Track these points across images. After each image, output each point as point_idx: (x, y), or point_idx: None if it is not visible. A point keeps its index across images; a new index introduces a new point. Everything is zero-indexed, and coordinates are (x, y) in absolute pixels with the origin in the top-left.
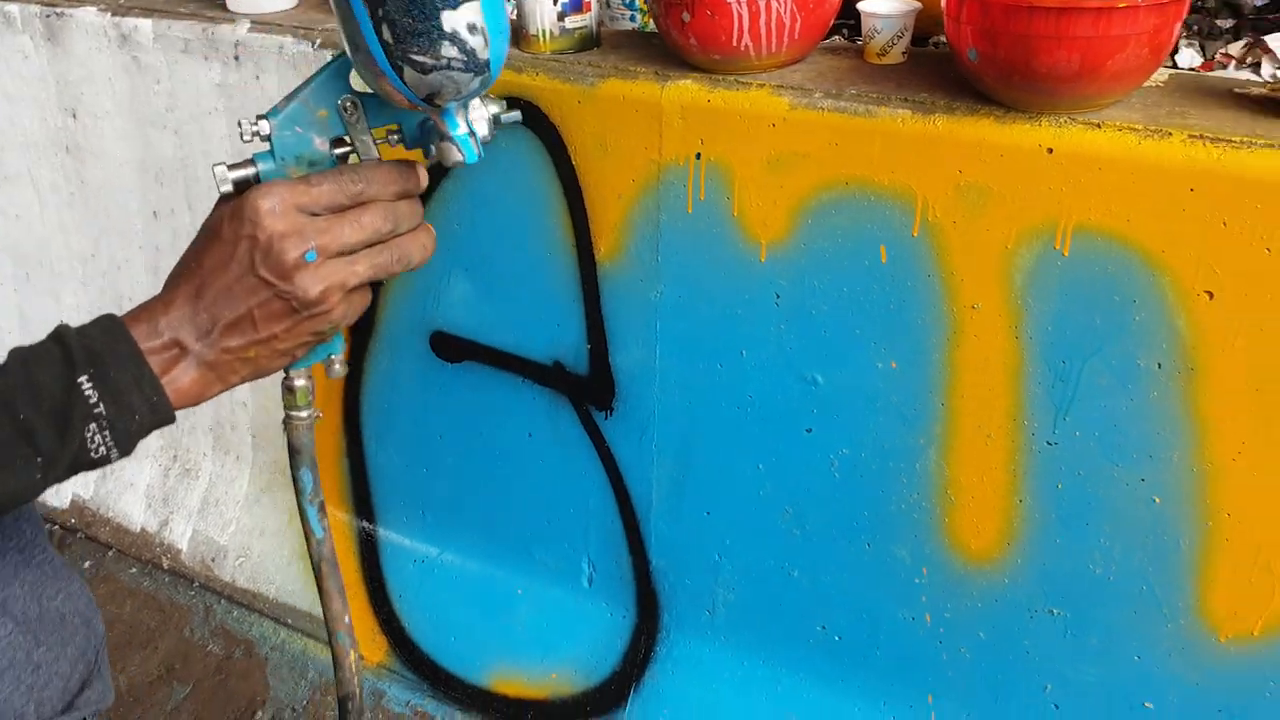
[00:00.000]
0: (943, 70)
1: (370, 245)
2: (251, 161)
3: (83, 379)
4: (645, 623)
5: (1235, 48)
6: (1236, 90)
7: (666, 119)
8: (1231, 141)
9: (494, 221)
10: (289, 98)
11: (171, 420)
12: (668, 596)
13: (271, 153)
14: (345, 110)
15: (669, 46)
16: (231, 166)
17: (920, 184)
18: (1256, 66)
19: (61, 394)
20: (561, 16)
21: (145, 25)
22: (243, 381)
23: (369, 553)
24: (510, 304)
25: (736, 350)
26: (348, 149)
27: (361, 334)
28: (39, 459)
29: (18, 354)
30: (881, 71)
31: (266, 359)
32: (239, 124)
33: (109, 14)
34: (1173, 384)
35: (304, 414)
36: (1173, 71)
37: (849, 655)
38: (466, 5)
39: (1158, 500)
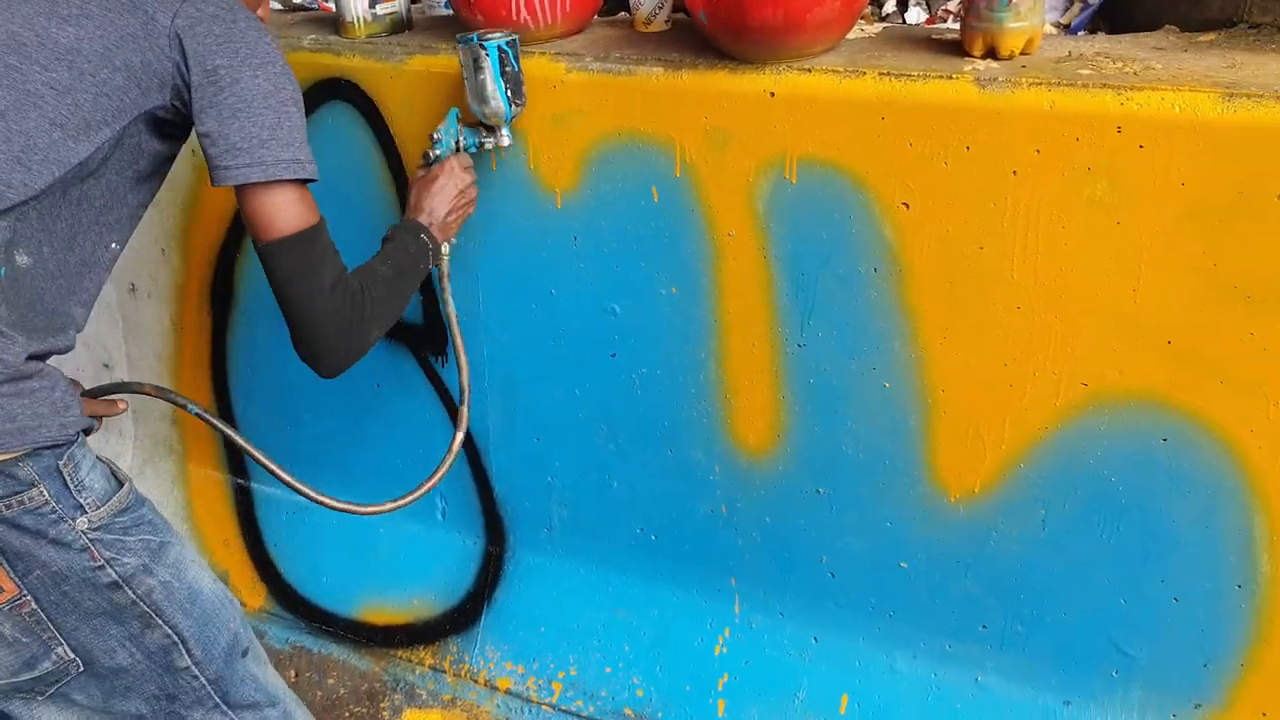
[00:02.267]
0: (694, 34)
1: None
2: (435, 149)
3: (421, 234)
4: (493, 545)
5: (953, 3)
6: (933, 37)
7: None
8: (911, 76)
9: (327, 189)
10: (443, 128)
11: (439, 258)
12: (511, 519)
13: (440, 145)
14: (457, 136)
15: (466, 26)
16: (432, 150)
17: (676, 131)
18: None
19: (420, 240)
20: (373, 4)
21: None
22: (444, 240)
23: (244, 507)
24: (346, 262)
25: (547, 289)
26: (454, 148)
27: (222, 303)
28: (421, 267)
29: (396, 236)
30: (646, 38)
31: (454, 227)
32: (432, 135)
33: None
34: (887, 284)
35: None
36: (886, 25)
37: (664, 551)
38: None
39: (887, 385)
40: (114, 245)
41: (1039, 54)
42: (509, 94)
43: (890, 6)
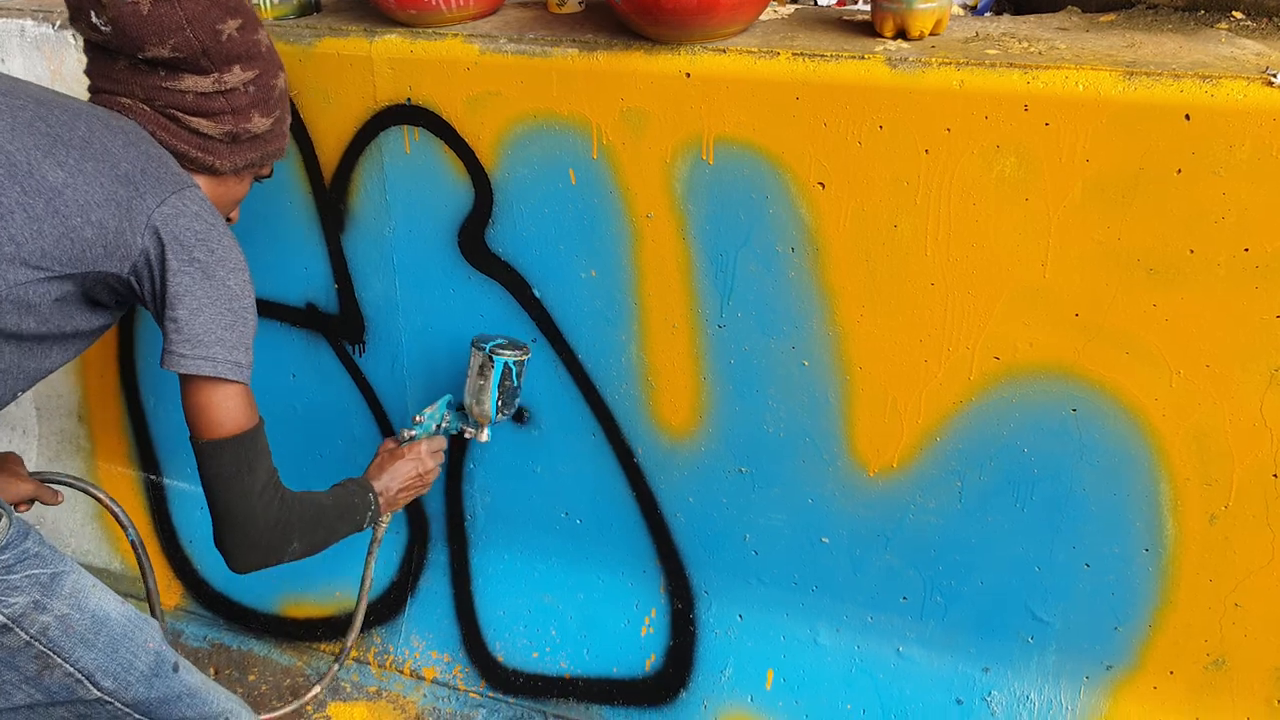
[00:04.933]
0: (609, 16)
1: None
2: (412, 430)
3: (370, 495)
4: (417, 535)
5: None
6: (845, 18)
7: (378, 69)
8: (824, 56)
9: None
10: (430, 413)
11: (376, 523)
12: (433, 509)
13: (421, 428)
14: (441, 421)
15: (376, 7)
16: (409, 430)
17: (593, 112)
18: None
19: (368, 499)
20: None
21: None
22: (390, 512)
23: (158, 503)
24: (261, 253)
25: (464, 274)
26: (433, 431)
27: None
28: (356, 520)
29: (347, 485)
30: (560, 19)
31: (401, 503)
32: (415, 416)
33: None
34: (804, 263)
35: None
36: (798, 6)
37: (588, 535)
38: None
39: (806, 363)
40: None
41: (947, 34)
42: (500, 403)
43: None
